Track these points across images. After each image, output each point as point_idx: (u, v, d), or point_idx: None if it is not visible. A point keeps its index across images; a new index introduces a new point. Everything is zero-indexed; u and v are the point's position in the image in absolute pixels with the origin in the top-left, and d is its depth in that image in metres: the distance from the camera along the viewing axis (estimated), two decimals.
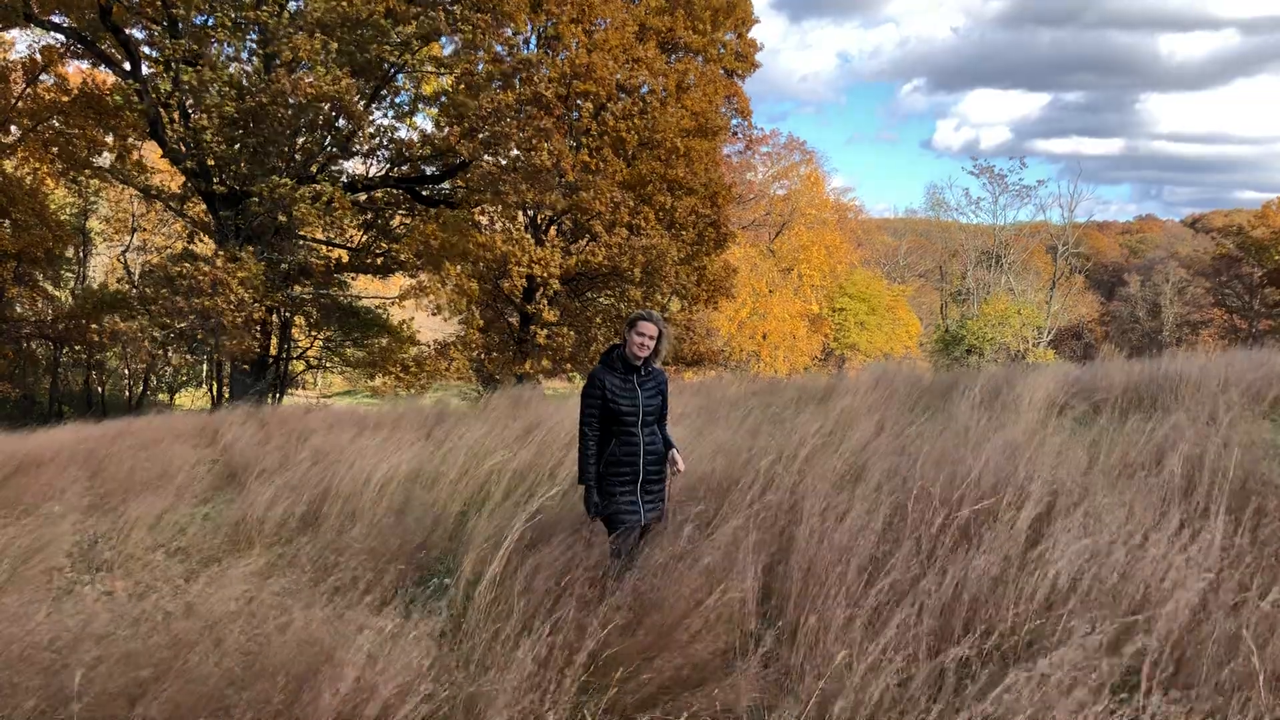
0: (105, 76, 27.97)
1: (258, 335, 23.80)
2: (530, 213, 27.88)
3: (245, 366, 24.52)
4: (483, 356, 28.01)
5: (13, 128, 29.28)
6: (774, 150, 48.54)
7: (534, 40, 28.03)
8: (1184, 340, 48.94)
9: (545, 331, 26.03)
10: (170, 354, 22.44)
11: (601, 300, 29.02)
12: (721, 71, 31.03)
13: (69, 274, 38.78)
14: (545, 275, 25.45)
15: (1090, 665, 3.35)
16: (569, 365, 27.12)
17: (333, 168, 28.01)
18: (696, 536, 5.15)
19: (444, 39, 25.48)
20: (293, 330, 32.43)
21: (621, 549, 5.23)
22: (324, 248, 30.84)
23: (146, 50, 25.51)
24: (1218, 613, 3.90)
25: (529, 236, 26.55)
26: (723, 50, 30.98)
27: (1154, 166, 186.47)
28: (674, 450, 5.56)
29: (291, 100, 22.49)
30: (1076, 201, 65.91)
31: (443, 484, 8.37)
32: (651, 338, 5.32)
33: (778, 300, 42.10)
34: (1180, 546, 4.45)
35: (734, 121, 36.27)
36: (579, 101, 26.75)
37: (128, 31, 24.81)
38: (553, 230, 28.91)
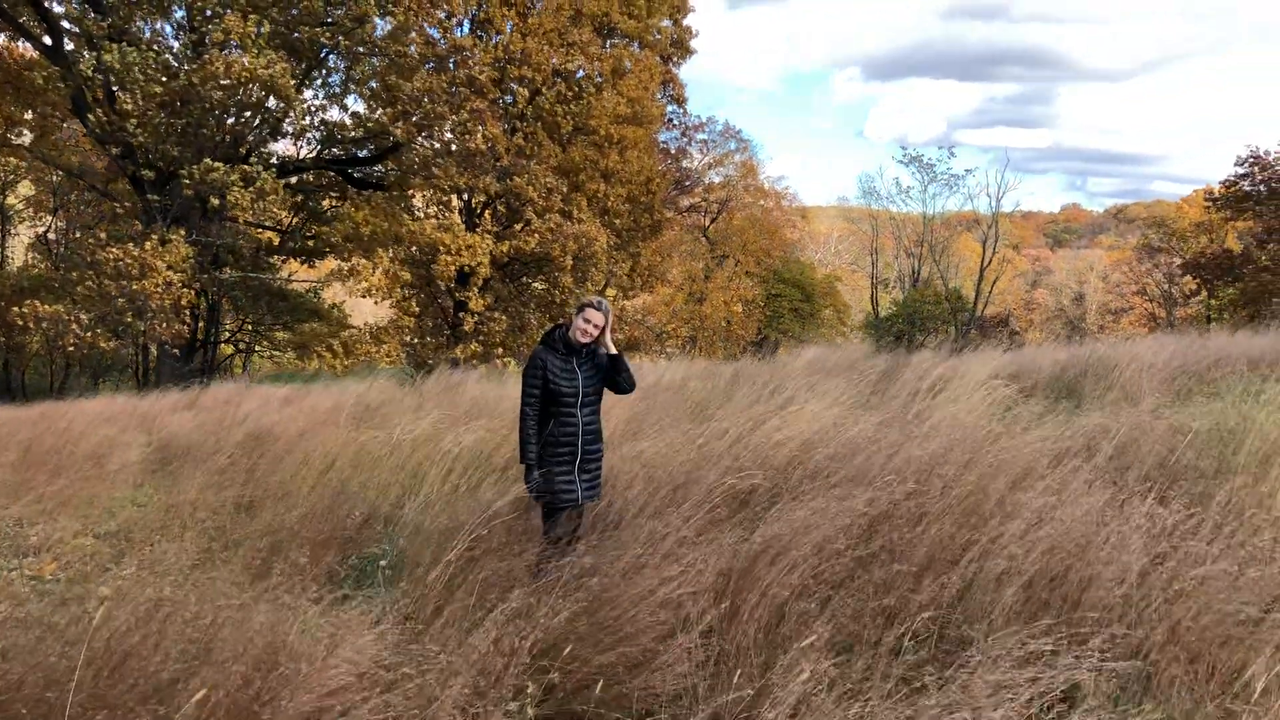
0: (25, 51, 27.11)
1: (187, 319, 23.38)
2: (465, 196, 27.72)
3: (175, 350, 24.08)
4: (416, 341, 27.83)
5: None
6: (710, 138, 48.68)
7: (467, 24, 27.83)
8: (1105, 327, 50.25)
9: (474, 319, 25.96)
10: (97, 337, 21.88)
11: (536, 286, 28.97)
12: (658, 59, 31.06)
13: None
14: (475, 263, 25.35)
15: None
16: (500, 350, 27.05)
17: (263, 149, 27.57)
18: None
19: (377, 20, 25.14)
20: (221, 314, 31.89)
21: (555, 532, 5.34)
22: (253, 230, 30.34)
23: (68, 26, 24.82)
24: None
25: (460, 223, 26.40)
26: (658, 36, 31.02)
27: (1078, 159, 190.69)
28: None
29: (224, 81, 22.07)
30: (1004, 191, 67.12)
31: (380, 468, 8.35)
32: (597, 326, 5.40)
33: (714, 286, 42.37)
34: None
35: (670, 109, 36.38)
36: (514, 86, 26.64)
37: (48, 5, 24.11)
38: (487, 214, 28.78)
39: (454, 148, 25.59)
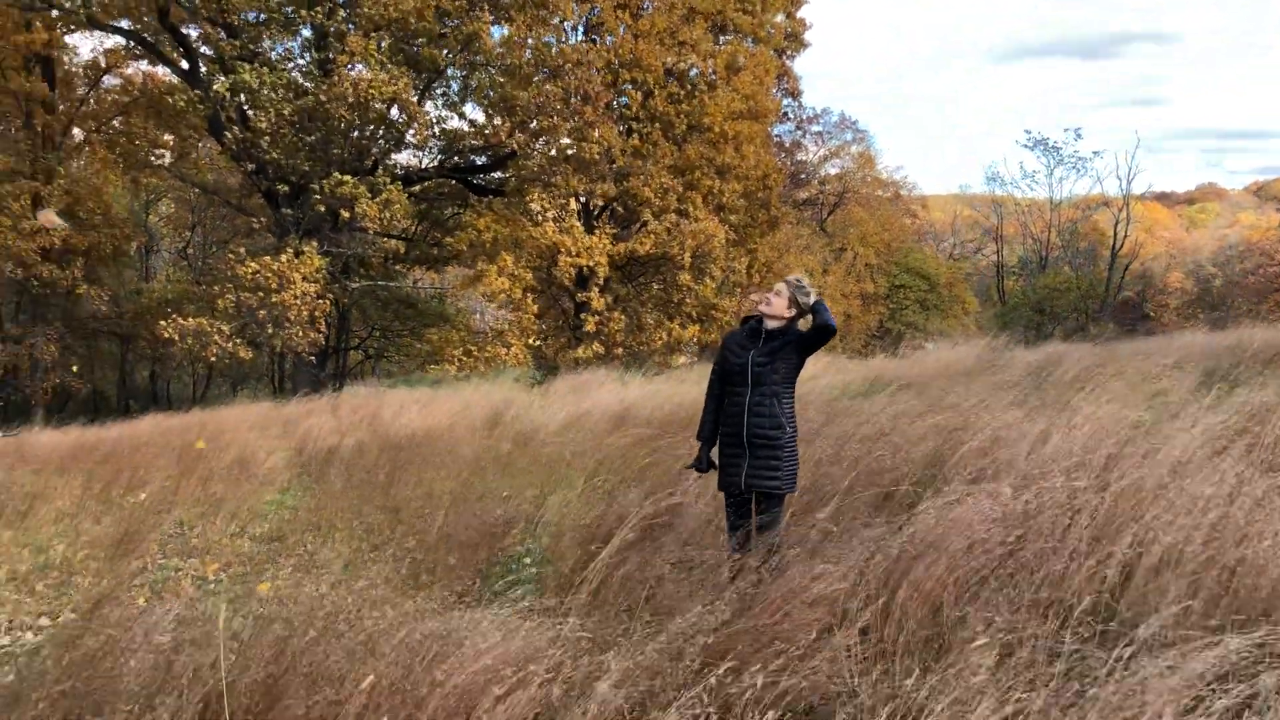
0: (165, 76, 28.53)
1: (321, 328, 24.20)
2: (582, 199, 28.00)
3: (310, 359, 24.93)
4: (539, 343, 28.24)
5: (76, 130, 30.02)
6: (825, 129, 48.16)
7: (580, 28, 28.10)
8: (1251, 311, 47.77)
9: (595, 319, 26.19)
10: (237, 348, 22.82)
11: (653, 285, 29.06)
12: (772, 53, 30.82)
13: (131, 271, 39.60)
14: (593, 264, 25.60)
15: None
16: (620, 350, 27.22)
17: (387, 160, 28.33)
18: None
19: (492, 31, 25.63)
20: (350, 321, 32.89)
21: (731, 522, 5.31)
22: (380, 239, 31.23)
23: (203, 50, 25.98)
24: None
25: (579, 225, 26.65)
26: (772, 31, 30.76)
27: (1212, 136, 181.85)
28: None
29: (350, 99, 22.83)
30: (1134, 172, 64.61)
31: (516, 469, 8.48)
32: (777, 294, 5.30)
33: (831, 280, 41.85)
34: None
35: (785, 102, 36.09)
36: (627, 88, 26.78)
37: (185, 30, 25.27)
38: (604, 216, 29.00)
39: (570, 153, 25.87)
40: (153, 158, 31.31)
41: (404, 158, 30.10)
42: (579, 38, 27.78)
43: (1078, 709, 3.27)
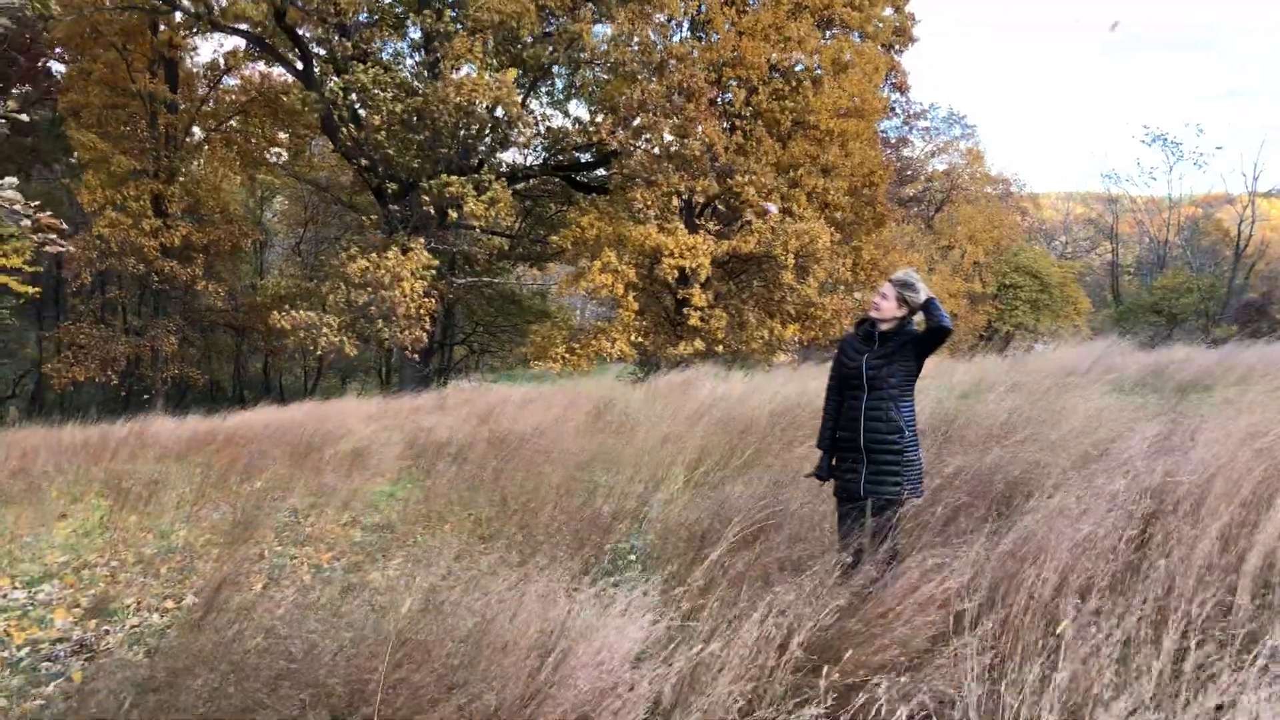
0: (281, 77, 29.40)
1: (427, 326, 24.66)
2: (685, 197, 27.93)
3: (415, 355, 25.43)
4: (641, 340, 28.30)
5: (196, 129, 31.14)
6: (932, 124, 47.28)
7: (686, 25, 28.03)
8: None
9: (698, 314, 26.11)
10: (345, 342, 23.39)
11: (755, 283, 28.83)
12: (879, 49, 30.31)
13: (247, 265, 40.92)
14: (695, 265, 25.52)
15: None
16: (720, 347, 27.08)
17: (492, 159, 28.72)
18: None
19: (595, 29, 25.82)
20: (455, 317, 33.48)
21: (842, 527, 5.18)
22: (486, 237, 31.68)
23: (317, 50, 26.70)
24: None
25: (681, 225, 26.58)
26: (880, 26, 30.24)
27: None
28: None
29: (455, 100, 23.23)
30: (1260, 168, 62.00)
31: (622, 464, 8.48)
32: (884, 296, 5.16)
33: (937, 279, 40.98)
34: None
35: (892, 97, 35.48)
36: (731, 84, 26.63)
37: (300, 32, 26.01)
38: (707, 213, 28.90)
39: (674, 150, 25.85)
40: (268, 155, 32.32)
41: (509, 156, 30.50)
42: (684, 34, 27.72)
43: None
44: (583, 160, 30.78)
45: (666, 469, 8.44)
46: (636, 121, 25.74)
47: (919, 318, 5.11)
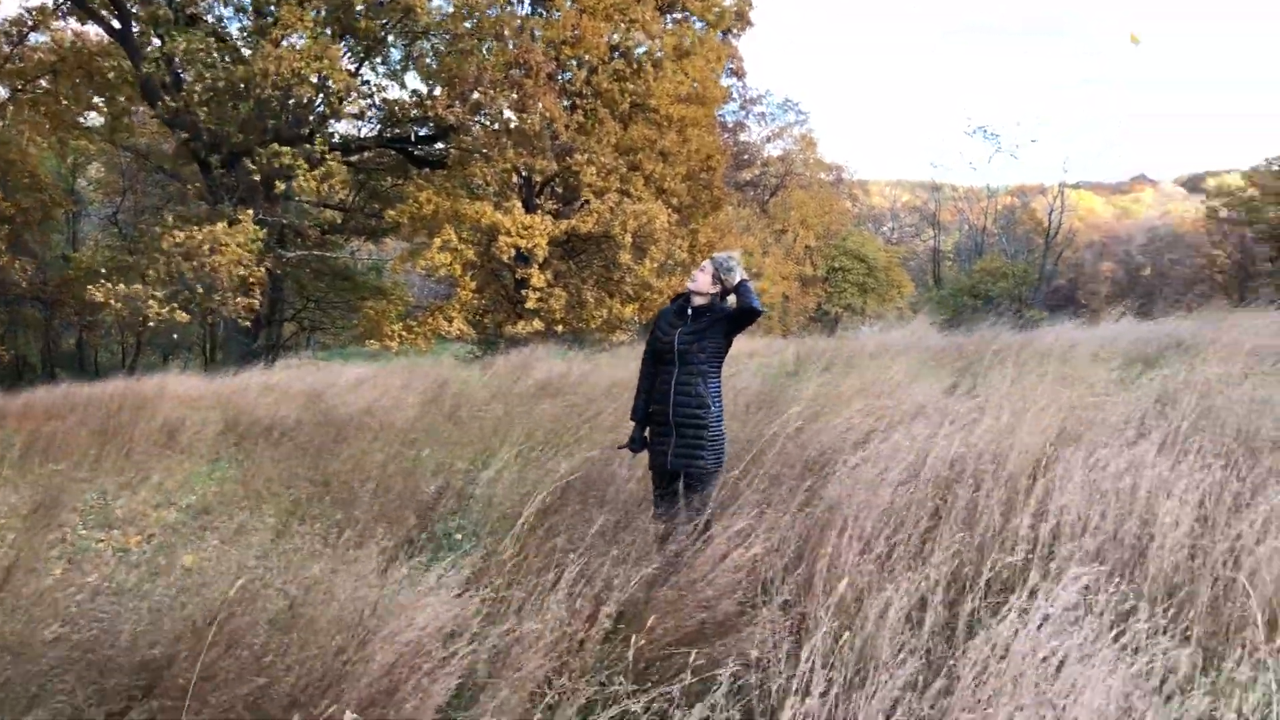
0: (97, 36, 27.66)
1: (255, 294, 23.76)
2: (524, 175, 27.77)
3: (245, 325, 24.52)
4: (480, 318, 28.05)
5: (0, 89, 29.00)
6: (768, 110, 48.45)
7: (527, 1, 27.77)
8: (1180, 300, 49.02)
9: (536, 295, 26.06)
10: (173, 312, 22.33)
11: (595, 263, 28.94)
12: (719, 36, 30.73)
13: (58, 235, 38.53)
14: (531, 245, 25.41)
15: None
16: (559, 326, 27.12)
17: (324, 129, 27.83)
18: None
19: (433, 1, 25.27)
20: (285, 293, 32.39)
21: (657, 497, 5.30)
22: (317, 210, 30.72)
23: (136, 10, 25.23)
24: None
25: (518, 204, 26.42)
26: (720, 13, 30.63)
27: (1149, 128, 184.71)
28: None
29: (279, 71, 22.36)
30: (1071, 162, 65.88)
31: (450, 442, 8.42)
32: (702, 270, 5.26)
33: (771, 261, 42.05)
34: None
35: (729, 82, 36.10)
36: (571, 63, 26.56)
37: None
38: (546, 192, 28.81)
39: (513, 125, 25.64)
40: (81, 119, 30.40)
41: (343, 127, 29.62)
42: (525, 10, 27.47)
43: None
44: (420, 134, 30.16)
45: (498, 447, 8.43)
46: (475, 96, 25.38)
47: (733, 299, 5.26)
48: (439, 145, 29.58)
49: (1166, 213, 76.19)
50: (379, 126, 29.95)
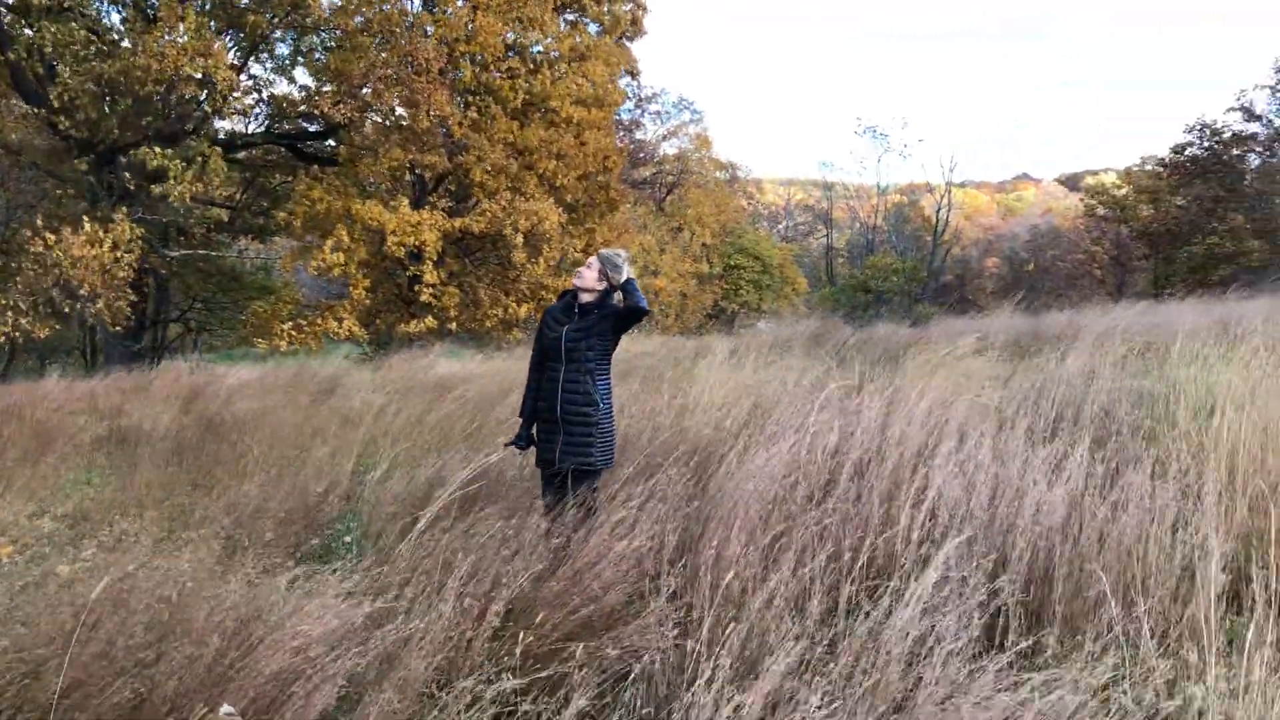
0: None
1: (130, 295, 22.82)
2: (417, 172, 27.43)
3: (126, 325, 23.61)
4: (373, 319, 27.60)
5: None
6: (663, 109, 48.68)
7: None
8: (1061, 294, 50.85)
9: (430, 291, 25.77)
10: (37, 326, 21.30)
11: (492, 262, 28.74)
12: (614, 40, 30.78)
13: None
14: (420, 242, 25.07)
15: None
16: (453, 325, 26.86)
17: (208, 125, 27.01)
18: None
19: None
20: (170, 293, 31.41)
21: (545, 497, 5.30)
22: (202, 208, 29.81)
23: None
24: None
25: (406, 201, 26.05)
26: (614, 18, 30.64)
27: (1028, 127, 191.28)
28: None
29: (158, 67, 21.57)
30: (956, 161, 67.78)
31: (340, 443, 8.29)
32: (588, 266, 5.28)
33: (668, 259, 42.30)
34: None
35: (625, 81, 36.18)
36: (463, 61, 26.30)
37: None
38: (439, 190, 28.48)
39: (404, 124, 25.28)
40: None
41: (228, 124, 28.79)
42: (416, 7, 27.14)
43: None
44: (310, 130, 29.52)
45: (388, 446, 8.32)
46: (365, 92, 24.94)
47: (619, 296, 5.28)
48: (329, 142, 29.02)
49: (1048, 210, 78.95)
50: (267, 122, 29.23)
